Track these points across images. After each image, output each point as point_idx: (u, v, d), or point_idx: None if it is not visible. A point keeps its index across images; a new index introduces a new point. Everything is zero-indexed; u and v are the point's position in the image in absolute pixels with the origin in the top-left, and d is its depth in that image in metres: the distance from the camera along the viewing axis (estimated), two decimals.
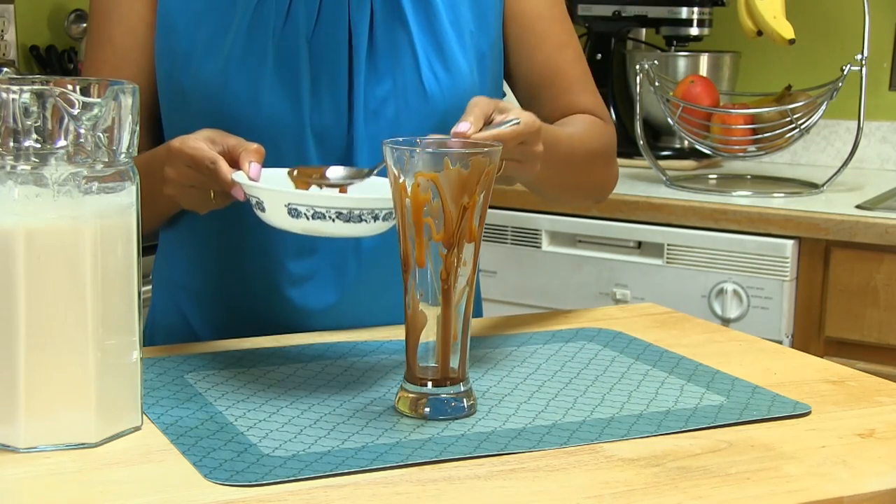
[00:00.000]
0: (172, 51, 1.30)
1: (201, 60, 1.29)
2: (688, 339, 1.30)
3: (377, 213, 1.06)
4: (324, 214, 1.04)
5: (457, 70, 1.34)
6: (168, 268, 1.43)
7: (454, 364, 1.03)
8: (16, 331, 0.92)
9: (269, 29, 1.29)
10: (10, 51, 2.89)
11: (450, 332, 1.02)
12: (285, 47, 1.29)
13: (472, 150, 1.01)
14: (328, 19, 1.30)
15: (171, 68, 1.31)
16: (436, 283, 1.01)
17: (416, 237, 1.01)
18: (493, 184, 1.02)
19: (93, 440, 0.95)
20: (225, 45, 1.28)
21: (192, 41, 1.29)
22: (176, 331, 1.39)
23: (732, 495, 0.89)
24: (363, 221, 1.06)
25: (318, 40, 1.30)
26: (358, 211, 1.05)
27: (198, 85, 1.29)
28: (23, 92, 0.90)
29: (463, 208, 1.00)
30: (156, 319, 1.46)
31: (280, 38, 1.29)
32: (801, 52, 2.65)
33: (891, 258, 2.09)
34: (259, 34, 1.28)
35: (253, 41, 1.28)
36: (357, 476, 0.90)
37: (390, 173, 1.02)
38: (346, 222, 1.05)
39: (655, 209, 2.28)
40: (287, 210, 1.05)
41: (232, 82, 1.28)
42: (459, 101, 1.32)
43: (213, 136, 1.17)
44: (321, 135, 1.30)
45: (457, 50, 1.35)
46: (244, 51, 1.28)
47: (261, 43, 1.28)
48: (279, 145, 1.28)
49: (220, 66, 1.28)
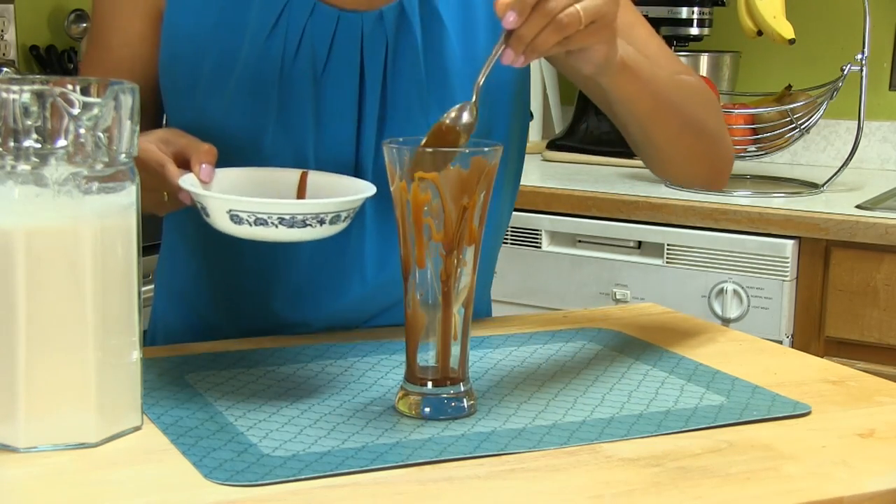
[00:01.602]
0: (175, 77, 1.27)
1: (205, 95, 1.24)
2: (688, 339, 1.30)
3: (322, 217, 1.04)
4: (266, 220, 1.03)
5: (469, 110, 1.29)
6: (169, 273, 1.43)
7: (454, 364, 1.03)
8: (16, 331, 0.92)
9: (277, 65, 1.23)
10: (10, 51, 2.89)
11: (450, 333, 1.02)
12: (292, 85, 1.24)
13: (472, 150, 1.01)
14: (339, 57, 1.24)
15: (175, 96, 1.27)
16: (436, 283, 1.01)
17: (416, 237, 1.01)
18: (493, 183, 1.02)
19: (93, 440, 0.95)
20: (230, 81, 1.23)
21: (197, 72, 1.25)
22: (176, 333, 1.39)
23: (732, 495, 0.89)
24: (308, 226, 1.04)
25: (327, 78, 1.24)
26: (301, 216, 1.03)
27: (201, 120, 1.24)
28: (23, 92, 0.90)
29: (463, 208, 1.00)
30: (156, 321, 1.46)
31: (288, 75, 1.23)
32: (801, 52, 2.65)
33: (891, 258, 2.09)
34: (266, 71, 1.23)
35: (259, 79, 1.23)
36: (357, 476, 0.90)
37: (390, 173, 1.02)
38: (289, 227, 1.03)
39: (655, 209, 2.28)
40: (229, 216, 1.03)
41: (234, 124, 1.23)
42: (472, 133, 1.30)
43: (166, 137, 1.15)
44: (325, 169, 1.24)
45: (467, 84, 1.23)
46: (249, 90, 1.23)
47: (267, 81, 1.23)
48: None
49: (224, 104, 1.24)
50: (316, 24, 1.24)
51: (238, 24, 1.24)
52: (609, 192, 2.34)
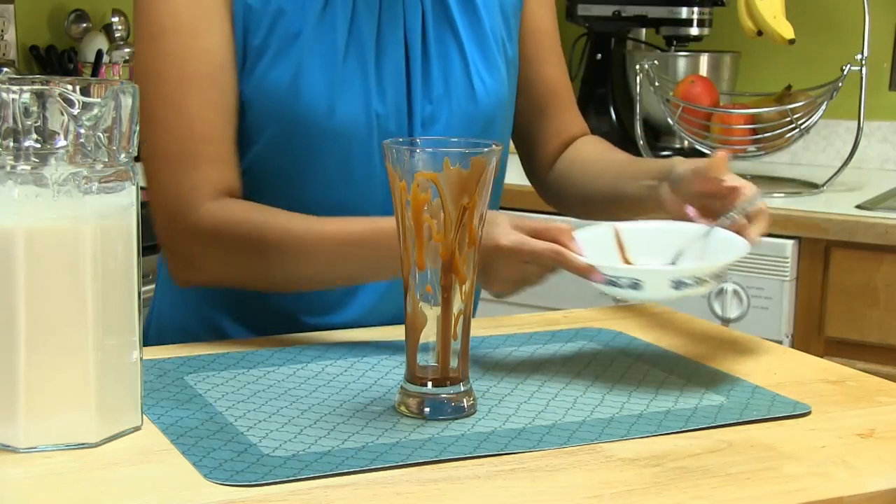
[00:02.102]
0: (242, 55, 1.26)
1: (267, 68, 1.25)
2: (688, 339, 1.30)
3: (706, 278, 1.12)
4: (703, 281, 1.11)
5: (498, 76, 1.37)
6: None
7: (454, 364, 1.03)
8: (16, 331, 0.92)
9: (339, 34, 1.27)
10: (10, 51, 2.89)
11: (450, 333, 1.02)
12: (354, 56, 1.28)
13: (471, 150, 1.01)
14: (387, 25, 1.30)
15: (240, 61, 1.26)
16: (436, 283, 1.01)
17: (416, 238, 1.01)
18: (491, 184, 1.03)
19: (93, 440, 0.95)
20: (293, 51, 1.25)
21: (261, 52, 1.25)
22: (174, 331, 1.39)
23: (732, 495, 0.89)
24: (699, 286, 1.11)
25: (380, 46, 1.30)
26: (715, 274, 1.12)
27: (263, 92, 1.25)
28: (23, 92, 0.90)
29: (463, 208, 1.00)
30: (156, 319, 1.45)
31: (348, 45, 1.28)
32: (801, 52, 2.65)
33: (891, 258, 2.09)
34: (327, 42, 1.26)
35: (324, 46, 1.26)
36: (357, 476, 0.90)
37: (390, 173, 1.02)
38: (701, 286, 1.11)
39: None
40: (672, 284, 1.10)
41: (305, 89, 1.25)
42: (499, 108, 1.37)
43: (517, 224, 1.16)
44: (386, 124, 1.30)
45: (498, 57, 1.36)
46: (316, 55, 1.26)
47: (331, 50, 1.26)
48: (349, 153, 1.28)
49: (291, 70, 1.25)
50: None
51: None
52: None
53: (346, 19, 1.28)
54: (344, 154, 1.28)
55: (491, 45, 1.36)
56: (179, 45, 1.22)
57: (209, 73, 1.22)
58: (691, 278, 1.09)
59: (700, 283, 1.10)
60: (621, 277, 1.09)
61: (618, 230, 1.20)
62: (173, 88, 1.21)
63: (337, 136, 1.27)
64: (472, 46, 1.35)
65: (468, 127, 1.33)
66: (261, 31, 1.26)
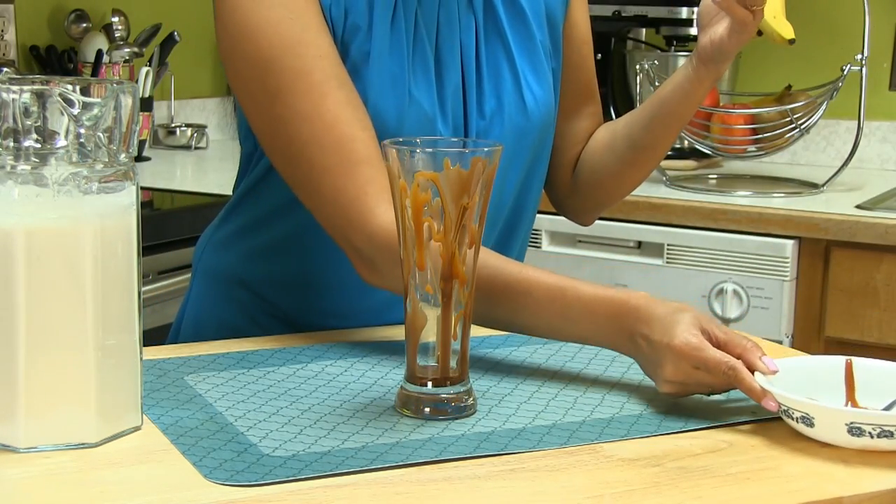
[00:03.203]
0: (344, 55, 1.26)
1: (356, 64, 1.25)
2: None
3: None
4: (892, 433, 0.95)
5: (547, 87, 1.36)
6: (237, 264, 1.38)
7: (454, 364, 1.03)
8: (16, 331, 0.92)
9: (404, 53, 1.26)
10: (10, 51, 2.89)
11: (450, 333, 1.02)
12: (419, 70, 1.28)
13: (471, 150, 1.01)
14: (445, 44, 1.30)
15: None
16: (436, 283, 1.01)
17: (416, 238, 1.01)
18: (493, 184, 1.03)
19: (93, 440, 0.95)
20: (366, 71, 1.24)
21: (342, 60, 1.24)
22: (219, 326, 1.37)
23: (732, 495, 0.89)
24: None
25: (438, 61, 1.30)
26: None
27: None
28: (23, 92, 0.90)
29: (463, 208, 1.00)
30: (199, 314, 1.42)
31: (413, 61, 1.27)
32: (801, 52, 2.65)
33: (891, 258, 2.09)
34: (396, 58, 1.26)
35: (393, 66, 1.26)
36: (357, 476, 0.90)
37: (390, 173, 1.02)
38: None
39: (655, 209, 2.28)
40: (847, 429, 0.96)
41: (376, 108, 1.24)
42: (548, 119, 1.37)
43: (703, 326, 1.06)
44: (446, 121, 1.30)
45: (546, 68, 1.37)
46: (386, 76, 1.25)
47: (399, 67, 1.26)
48: None
49: (362, 90, 1.23)
50: None
51: None
52: None
53: (410, 38, 1.28)
54: None
55: (540, 56, 1.36)
56: (298, 59, 1.20)
57: (332, 76, 1.21)
58: (873, 426, 0.95)
59: (887, 435, 0.95)
60: (793, 409, 0.98)
61: (851, 364, 1.07)
62: (306, 101, 1.19)
63: None
64: (522, 59, 1.34)
65: (520, 140, 1.33)
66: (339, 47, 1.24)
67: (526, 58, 1.35)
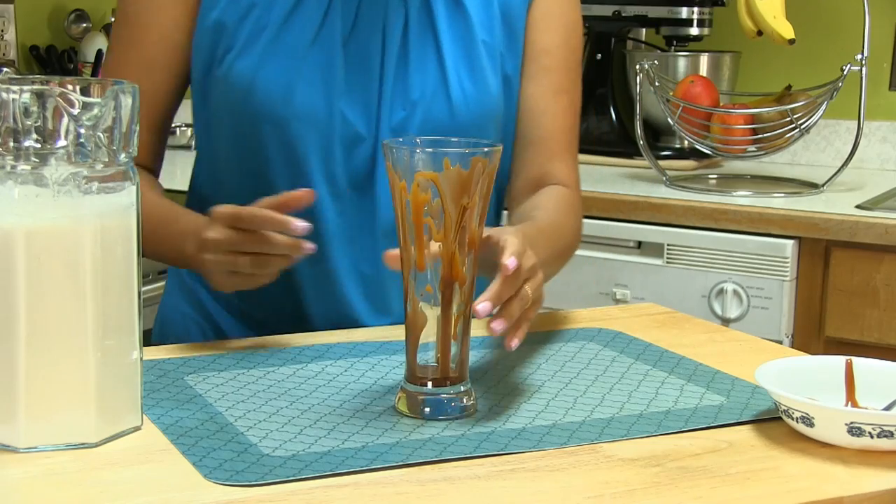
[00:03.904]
0: (213, 45, 1.31)
1: (236, 57, 1.29)
2: (688, 339, 1.30)
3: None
4: (892, 433, 0.95)
5: (485, 87, 1.34)
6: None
7: (454, 364, 1.03)
8: (16, 331, 0.92)
9: (307, 28, 1.29)
10: (10, 51, 2.89)
11: (450, 333, 1.02)
12: (322, 48, 1.29)
13: (472, 150, 1.01)
14: (364, 24, 1.31)
15: (209, 66, 1.31)
16: (436, 283, 1.01)
17: (416, 238, 1.01)
18: (493, 184, 1.02)
19: (93, 440, 0.95)
20: (260, 42, 1.29)
21: (234, 40, 1.30)
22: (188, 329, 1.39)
23: (732, 495, 0.89)
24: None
25: (353, 45, 1.30)
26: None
27: (228, 80, 1.29)
28: (23, 92, 0.90)
29: (463, 208, 1.00)
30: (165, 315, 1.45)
31: (316, 38, 1.29)
32: (801, 52, 2.65)
33: (891, 258, 2.09)
34: (295, 33, 1.28)
35: (288, 39, 1.28)
36: (357, 476, 0.90)
37: (390, 173, 1.02)
38: None
39: (655, 209, 2.28)
40: (847, 429, 0.96)
41: (264, 76, 1.28)
42: (486, 121, 1.34)
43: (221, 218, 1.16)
44: (349, 142, 1.30)
45: (487, 68, 1.34)
46: (279, 47, 1.28)
47: (297, 41, 1.28)
48: (309, 148, 1.28)
49: (253, 61, 1.28)
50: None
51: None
52: (609, 192, 2.34)
53: (319, 15, 1.29)
54: (302, 146, 1.29)
55: (480, 55, 1.34)
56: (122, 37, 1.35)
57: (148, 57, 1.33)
58: (873, 426, 0.95)
59: (887, 435, 0.95)
60: (792, 409, 0.99)
61: (851, 364, 1.07)
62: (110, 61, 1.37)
63: (294, 128, 1.28)
64: (456, 56, 1.33)
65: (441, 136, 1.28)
66: (230, 27, 1.29)
67: (462, 55, 1.33)
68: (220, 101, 1.30)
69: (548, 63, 1.39)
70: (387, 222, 1.32)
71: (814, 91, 2.40)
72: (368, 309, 1.35)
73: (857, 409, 1.03)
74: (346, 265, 1.33)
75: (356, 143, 1.31)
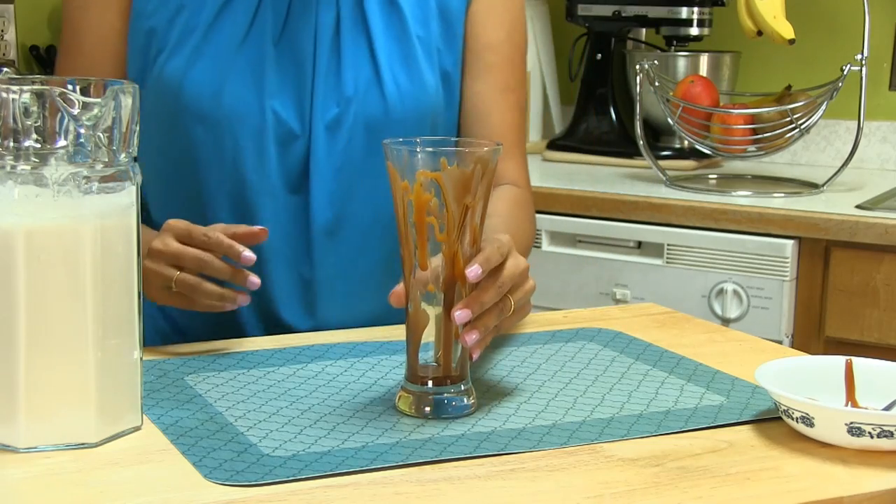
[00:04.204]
0: (146, 50, 1.32)
1: (167, 59, 1.30)
2: (688, 339, 1.30)
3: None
4: (892, 433, 0.95)
5: (421, 83, 1.34)
6: None
7: (455, 363, 1.03)
8: (16, 331, 0.92)
9: (236, 28, 1.30)
10: (10, 51, 2.89)
11: (451, 332, 1.02)
12: (252, 47, 1.30)
13: (474, 150, 1.01)
14: (295, 22, 1.31)
15: (143, 71, 1.32)
16: (437, 283, 1.01)
17: (419, 237, 1.01)
18: (491, 184, 1.02)
19: (93, 440, 0.95)
20: (189, 43, 1.29)
21: (164, 42, 1.30)
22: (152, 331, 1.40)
23: (732, 495, 0.89)
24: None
25: (284, 43, 1.31)
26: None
27: (160, 82, 1.30)
28: (23, 92, 0.90)
29: (465, 208, 0.99)
30: None
31: (246, 37, 1.30)
32: (801, 52, 2.65)
33: (891, 258, 2.09)
34: (224, 33, 1.29)
35: (217, 39, 1.29)
36: (357, 476, 0.90)
37: (391, 172, 1.02)
38: None
39: (655, 209, 2.28)
40: (847, 429, 0.95)
41: (193, 77, 1.28)
42: (422, 116, 1.33)
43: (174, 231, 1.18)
44: (282, 140, 1.31)
45: (423, 63, 1.34)
46: (208, 47, 1.29)
47: (226, 41, 1.29)
48: (240, 146, 1.29)
49: (183, 62, 1.29)
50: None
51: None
52: (609, 192, 2.34)
53: (248, 15, 1.30)
54: (234, 146, 1.29)
55: (415, 50, 1.34)
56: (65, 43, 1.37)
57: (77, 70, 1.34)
58: (873, 426, 0.95)
59: (887, 435, 0.95)
60: (792, 409, 0.98)
61: (851, 364, 1.07)
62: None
63: (225, 128, 1.29)
64: (389, 50, 1.33)
65: (377, 133, 1.30)
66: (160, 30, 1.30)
67: (396, 50, 1.33)
68: (153, 104, 1.30)
69: (492, 60, 1.38)
70: (322, 222, 1.33)
71: (814, 91, 2.40)
72: (298, 311, 1.35)
73: (857, 409, 1.03)
74: (280, 266, 1.34)
75: (290, 141, 1.31)
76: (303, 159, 1.31)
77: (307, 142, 1.31)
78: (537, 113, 2.95)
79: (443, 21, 1.37)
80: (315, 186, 1.32)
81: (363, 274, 1.36)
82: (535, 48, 2.91)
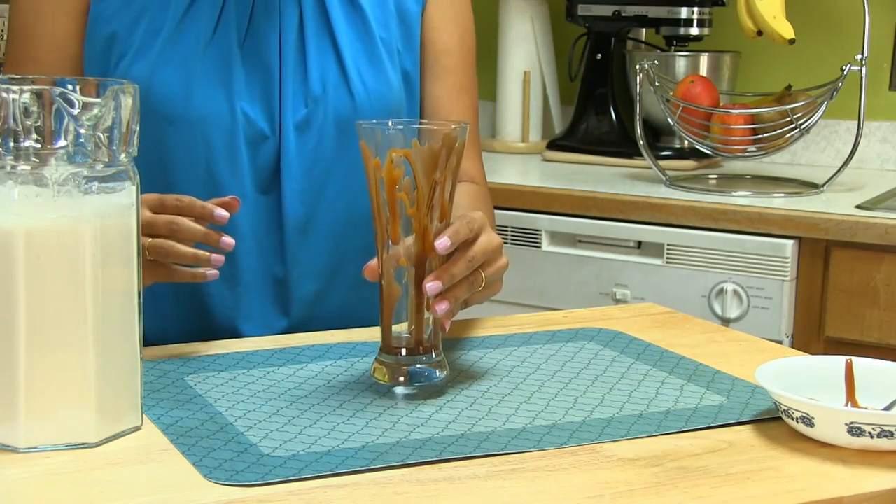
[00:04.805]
0: (106, 55, 1.31)
1: (131, 62, 1.30)
2: (688, 339, 1.30)
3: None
4: (892, 433, 0.95)
5: (385, 81, 1.36)
6: None
7: (427, 334, 1.07)
8: (16, 331, 0.92)
9: (202, 30, 1.30)
10: None
11: (423, 304, 1.06)
12: (218, 49, 1.30)
13: (442, 127, 1.05)
14: (259, 24, 1.32)
15: (102, 73, 1.32)
16: (409, 256, 1.05)
17: (391, 213, 1.04)
18: (460, 161, 1.06)
19: (93, 440, 0.95)
20: (155, 46, 1.29)
21: (127, 46, 1.30)
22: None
23: (732, 495, 0.89)
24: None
25: (249, 44, 1.32)
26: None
27: None
28: (23, 92, 0.90)
29: (434, 183, 1.04)
30: None
31: (212, 39, 1.30)
32: (801, 52, 2.65)
33: (891, 258, 2.09)
34: (190, 34, 1.30)
35: (184, 41, 1.29)
36: (357, 476, 0.90)
37: (364, 151, 1.05)
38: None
39: (655, 209, 2.28)
40: (848, 429, 0.95)
41: (161, 79, 1.28)
42: (389, 115, 1.36)
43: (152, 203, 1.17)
44: (253, 141, 1.32)
45: (386, 63, 1.37)
46: (175, 49, 1.29)
47: (192, 43, 1.30)
48: (212, 148, 1.29)
49: (149, 64, 1.29)
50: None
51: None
52: (609, 192, 2.34)
53: (213, 17, 1.31)
54: (206, 148, 1.30)
55: (379, 50, 1.36)
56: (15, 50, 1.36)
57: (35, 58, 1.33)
58: (873, 426, 0.95)
59: (887, 435, 0.95)
60: (793, 409, 0.98)
61: (851, 364, 1.07)
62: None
63: (197, 129, 1.29)
64: (354, 49, 1.35)
65: (346, 131, 1.32)
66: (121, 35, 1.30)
67: (361, 49, 1.35)
68: None
69: (448, 63, 1.44)
70: (294, 221, 1.34)
71: (814, 91, 2.40)
72: (272, 310, 1.36)
73: (857, 409, 1.03)
74: (253, 265, 1.34)
75: (260, 141, 1.32)
76: (273, 159, 1.33)
77: (277, 142, 1.33)
78: (537, 113, 2.95)
79: (402, 23, 1.40)
80: (286, 186, 1.33)
81: (336, 271, 1.37)
82: (536, 48, 2.91)
